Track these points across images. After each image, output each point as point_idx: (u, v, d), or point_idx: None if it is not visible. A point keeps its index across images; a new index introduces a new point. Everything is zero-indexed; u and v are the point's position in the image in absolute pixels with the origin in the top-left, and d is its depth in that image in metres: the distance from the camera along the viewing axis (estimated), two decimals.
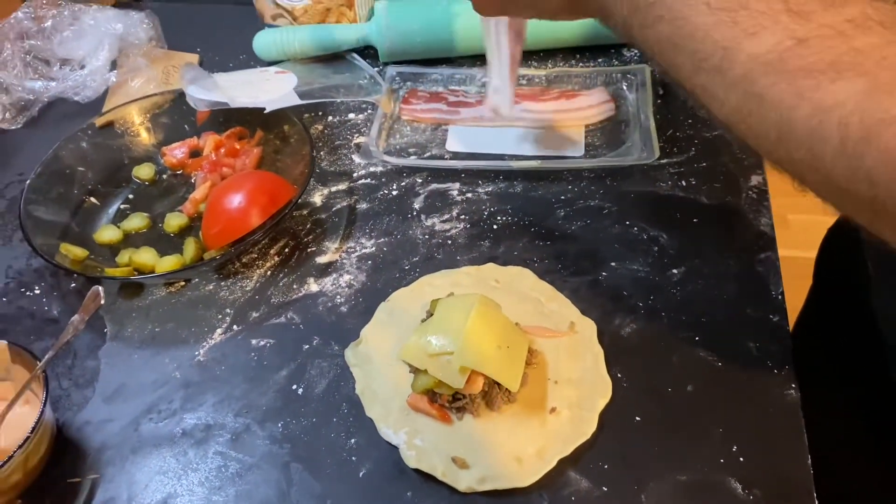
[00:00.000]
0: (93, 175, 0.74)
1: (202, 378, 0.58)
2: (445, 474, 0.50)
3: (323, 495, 0.50)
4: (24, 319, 0.64)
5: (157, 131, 0.78)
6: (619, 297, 0.60)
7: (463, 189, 0.71)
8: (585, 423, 0.52)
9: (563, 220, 0.67)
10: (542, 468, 0.50)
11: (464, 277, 0.63)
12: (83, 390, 0.59)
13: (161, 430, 0.55)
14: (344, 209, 0.71)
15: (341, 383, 0.57)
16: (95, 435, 0.56)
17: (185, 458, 0.54)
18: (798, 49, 0.35)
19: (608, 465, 0.50)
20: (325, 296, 0.63)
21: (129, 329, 0.63)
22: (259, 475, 0.52)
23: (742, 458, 0.49)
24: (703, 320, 0.58)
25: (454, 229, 0.68)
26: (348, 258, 0.66)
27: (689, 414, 0.52)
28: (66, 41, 0.84)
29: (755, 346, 0.56)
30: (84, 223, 0.70)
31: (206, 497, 0.51)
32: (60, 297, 0.66)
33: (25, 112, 0.84)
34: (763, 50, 0.36)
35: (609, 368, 0.55)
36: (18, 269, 0.69)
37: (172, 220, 0.70)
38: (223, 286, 0.65)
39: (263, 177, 0.68)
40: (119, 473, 0.53)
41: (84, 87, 0.83)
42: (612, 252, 0.64)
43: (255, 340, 0.60)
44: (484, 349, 0.51)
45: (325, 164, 0.75)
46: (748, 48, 0.36)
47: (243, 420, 0.55)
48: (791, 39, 0.35)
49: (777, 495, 0.48)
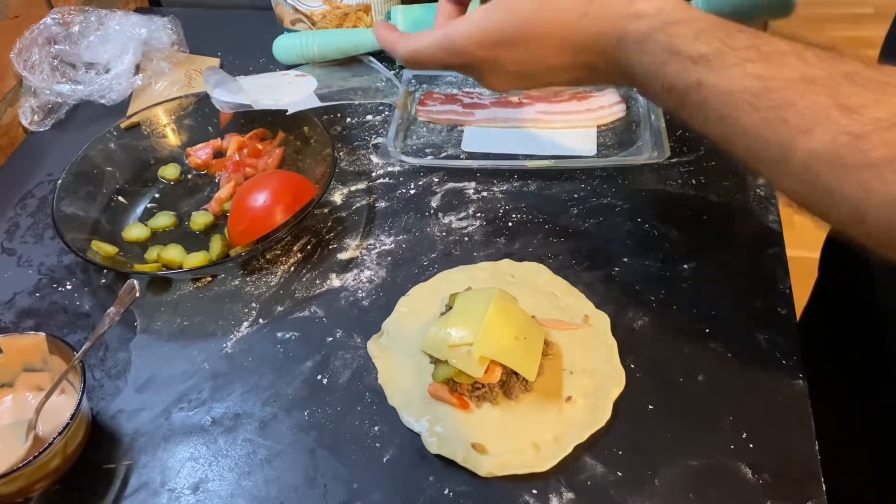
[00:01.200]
0: (120, 175, 0.76)
1: (230, 369, 0.60)
2: (466, 460, 0.52)
3: (349, 480, 0.52)
4: (57, 314, 0.67)
5: (182, 133, 0.80)
6: (632, 291, 0.62)
7: (478, 188, 0.73)
8: (600, 411, 0.54)
9: (576, 218, 0.69)
10: (558, 454, 0.51)
11: (481, 273, 0.65)
12: (115, 381, 0.61)
13: (191, 419, 0.57)
14: (363, 207, 0.73)
15: (364, 374, 0.59)
16: (128, 423, 0.58)
17: (215, 446, 0.56)
18: (856, 144, 0.34)
19: (622, 450, 0.52)
20: (347, 290, 0.65)
21: (158, 322, 0.65)
22: (287, 461, 0.54)
23: (752, 445, 0.51)
24: (712, 313, 0.60)
25: (471, 227, 0.70)
26: (368, 255, 0.68)
27: (700, 402, 0.54)
28: (93, 46, 0.87)
29: (764, 337, 0.57)
30: (113, 221, 0.73)
31: (235, 482, 0.53)
32: (91, 292, 0.68)
33: (53, 114, 0.87)
34: (820, 146, 0.36)
35: (622, 359, 0.57)
36: (50, 266, 0.71)
37: (198, 218, 0.72)
38: (248, 281, 0.67)
39: (287, 176, 0.70)
40: (152, 460, 0.55)
41: (110, 90, 0.86)
42: (625, 248, 0.66)
43: (281, 333, 0.62)
44: (502, 340, 0.53)
45: (345, 164, 0.78)
46: (804, 144, 0.36)
47: (271, 409, 0.57)
48: (846, 135, 0.35)
49: (785, 479, 0.49)
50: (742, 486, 0.49)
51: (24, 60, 0.83)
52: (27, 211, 0.77)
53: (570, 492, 0.50)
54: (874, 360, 0.62)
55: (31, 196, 0.79)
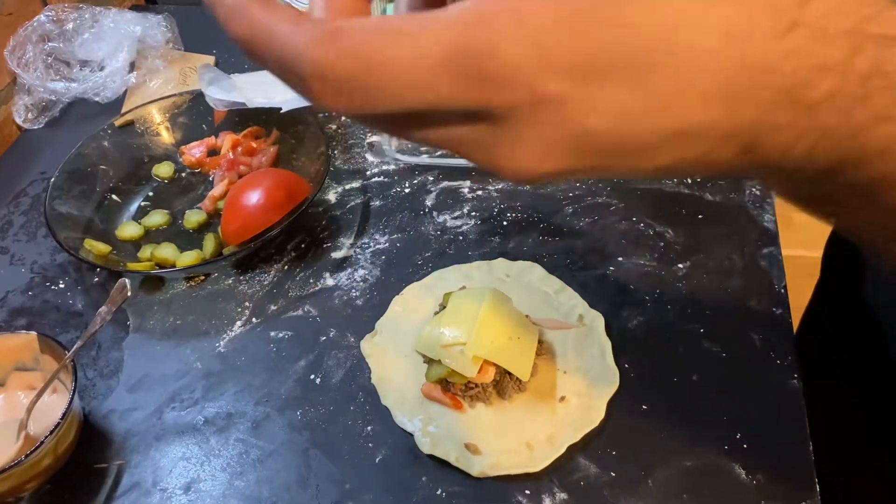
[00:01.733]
0: (114, 173, 0.76)
1: (223, 368, 0.60)
2: (459, 460, 0.51)
3: (341, 480, 0.52)
4: (49, 312, 0.66)
5: (176, 131, 0.80)
6: (626, 290, 0.62)
7: (473, 187, 0.73)
8: (594, 411, 0.53)
9: (570, 217, 0.69)
10: (552, 454, 0.51)
11: (475, 271, 0.64)
12: (108, 380, 0.61)
13: (184, 419, 0.57)
14: (358, 206, 0.73)
15: (357, 373, 0.58)
16: (120, 423, 0.58)
17: (207, 445, 0.55)
18: None
19: (616, 451, 0.52)
20: (341, 289, 0.65)
21: (150, 322, 0.65)
22: (279, 461, 0.54)
23: (745, 445, 0.51)
24: (707, 313, 0.59)
25: (465, 225, 0.69)
26: (363, 253, 0.68)
27: (694, 402, 0.54)
28: (87, 43, 0.86)
29: (759, 337, 0.57)
30: (106, 220, 0.73)
31: (228, 482, 0.53)
32: (84, 291, 0.68)
33: (47, 112, 0.87)
34: None
35: (616, 359, 0.56)
36: (43, 265, 0.71)
37: (192, 216, 0.72)
38: (242, 280, 0.67)
39: (281, 175, 0.70)
40: (144, 459, 0.55)
41: (104, 87, 0.85)
42: (619, 247, 0.65)
43: (274, 332, 0.62)
44: (496, 340, 0.53)
45: (339, 163, 0.77)
46: None
47: (263, 408, 0.57)
48: None
49: (779, 480, 0.49)
50: (736, 486, 0.49)
51: (18, 58, 0.83)
52: (20, 209, 0.77)
53: (563, 492, 0.50)
54: (875, 360, 0.62)
55: (25, 194, 0.79)
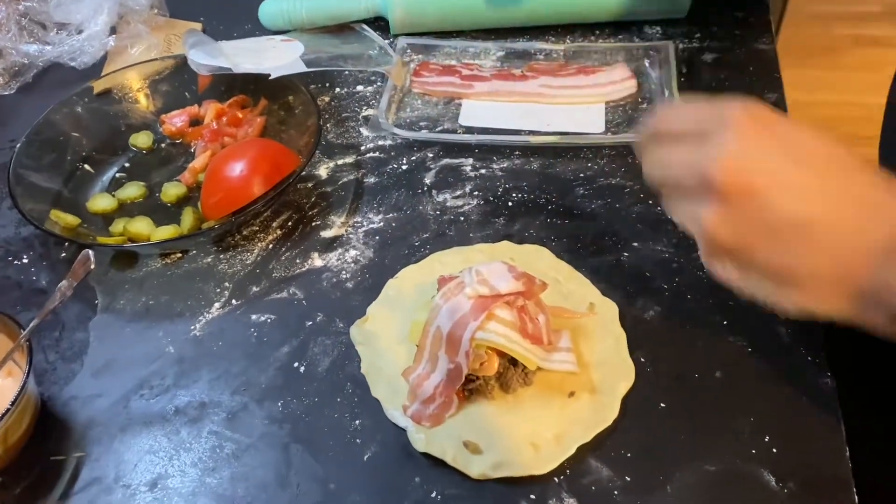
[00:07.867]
0: (87, 142, 0.70)
1: (197, 354, 0.55)
2: (456, 459, 0.47)
3: (325, 479, 0.47)
4: (10, 290, 0.61)
5: (157, 98, 0.74)
6: (642, 278, 0.57)
7: (476, 164, 0.68)
8: (607, 409, 0.49)
9: (581, 199, 0.64)
10: (560, 455, 0.46)
11: (477, 255, 0.59)
12: (70, 364, 0.55)
13: (152, 408, 0.52)
14: (351, 183, 0.67)
15: (346, 362, 0.53)
16: (82, 411, 0.53)
17: (177, 438, 0.50)
18: None
19: (631, 453, 0.47)
20: (330, 271, 0.60)
21: (121, 301, 0.59)
22: (256, 456, 0.49)
23: (775, 450, 0.46)
24: (730, 304, 0.54)
25: (467, 206, 0.64)
26: (355, 233, 0.63)
27: (718, 401, 0.49)
28: (64, 4, 0.81)
29: (786, 331, 0.52)
30: (77, 191, 0.67)
31: (199, 478, 0.48)
32: (50, 266, 0.63)
33: (19, 77, 0.82)
34: None
35: (631, 352, 0.52)
36: (6, 238, 0.66)
37: (170, 189, 0.67)
38: (222, 259, 0.62)
39: (266, 145, 0.64)
40: (106, 452, 0.50)
41: (81, 52, 0.80)
42: (634, 232, 0.60)
43: (255, 316, 0.57)
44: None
45: (332, 137, 0.72)
46: None
47: (241, 398, 0.52)
48: None
49: (814, 489, 0.44)
50: (765, 494, 0.45)
51: None
52: None
53: (571, 497, 0.45)
54: None
55: None
